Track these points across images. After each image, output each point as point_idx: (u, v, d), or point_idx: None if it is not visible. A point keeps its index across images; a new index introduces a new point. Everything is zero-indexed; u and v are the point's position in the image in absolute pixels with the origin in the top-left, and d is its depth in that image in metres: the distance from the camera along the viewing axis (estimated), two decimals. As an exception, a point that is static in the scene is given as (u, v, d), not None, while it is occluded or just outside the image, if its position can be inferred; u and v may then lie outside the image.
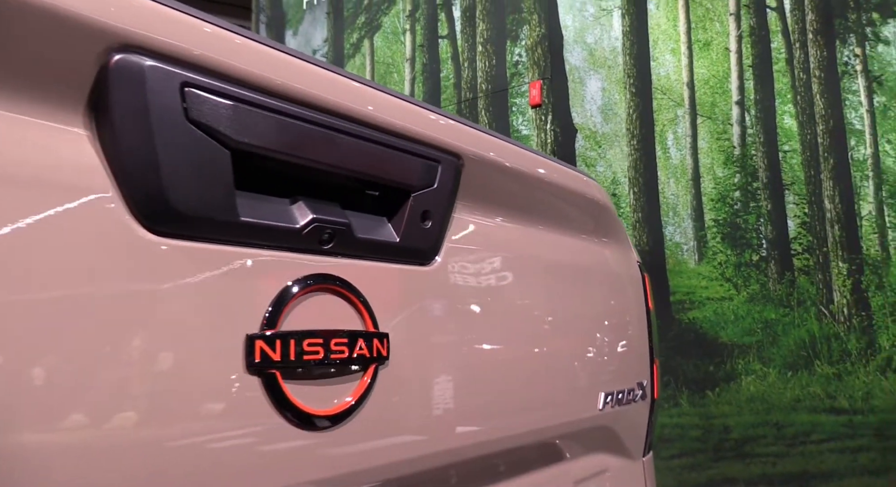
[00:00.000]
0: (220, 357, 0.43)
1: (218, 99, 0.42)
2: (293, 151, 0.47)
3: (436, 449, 0.58)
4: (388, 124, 0.55)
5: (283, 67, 0.47)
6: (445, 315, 0.61)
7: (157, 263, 0.40)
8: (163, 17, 0.40)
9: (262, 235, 0.45)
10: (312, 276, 0.49)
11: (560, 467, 0.78)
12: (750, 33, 3.21)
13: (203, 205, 0.42)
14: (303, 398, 0.47)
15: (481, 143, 0.66)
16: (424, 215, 0.58)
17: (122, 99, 0.38)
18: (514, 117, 3.50)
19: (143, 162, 0.39)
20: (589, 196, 0.86)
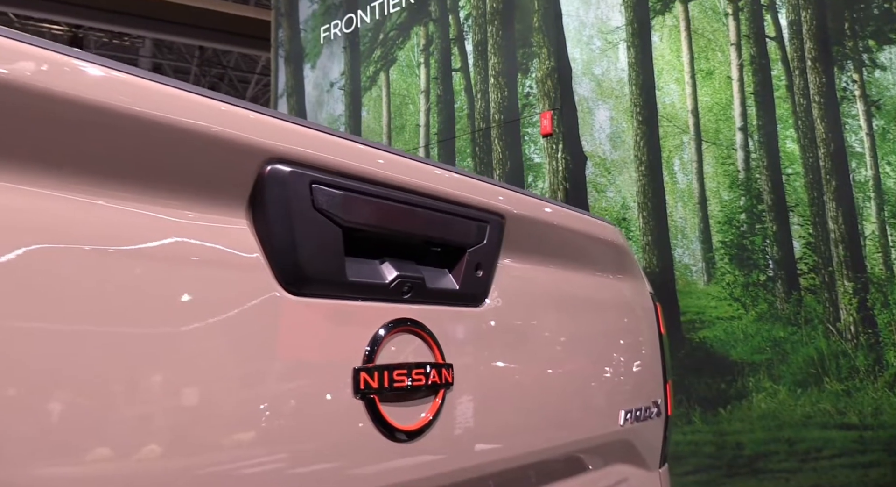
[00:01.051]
0: (336, 386, 0.57)
1: (333, 190, 0.57)
2: (382, 223, 0.62)
3: (487, 459, 0.71)
4: (449, 195, 0.70)
5: (373, 159, 0.62)
6: (494, 347, 0.75)
7: (293, 315, 0.54)
8: (298, 134, 0.55)
9: (362, 290, 0.60)
10: (397, 320, 0.63)
11: (587, 476, 0.91)
12: (751, 62, 3.34)
13: (324, 271, 0.56)
14: (393, 417, 0.60)
15: (520, 203, 0.80)
16: (477, 266, 0.72)
17: (272, 197, 0.53)
18: (526, 146, 3.65)
19: (284, 242, 0.54)
20: (609, 240, 1.00)
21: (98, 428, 0.42)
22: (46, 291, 0.42)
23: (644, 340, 1.07)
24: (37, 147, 0.42)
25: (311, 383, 0.55)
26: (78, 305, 0.43)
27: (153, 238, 0.48)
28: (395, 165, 0.64)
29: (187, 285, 0.49)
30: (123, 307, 0.45)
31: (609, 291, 1.00)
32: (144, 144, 0.47)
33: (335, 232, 0.57)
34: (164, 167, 0.49)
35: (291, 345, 0.54)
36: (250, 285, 0.52)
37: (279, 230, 0.53)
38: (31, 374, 0.40)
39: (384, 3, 4.32)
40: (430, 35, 4.09)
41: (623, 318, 1.01)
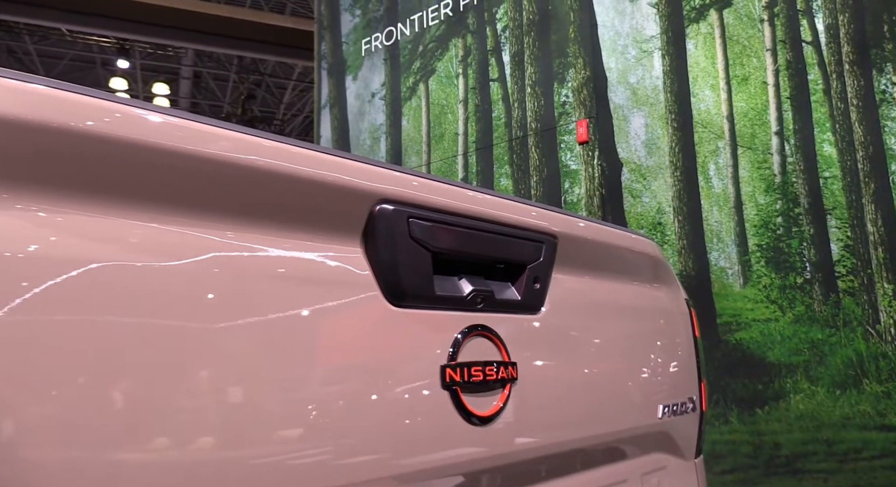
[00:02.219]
0: (428, 379, 0.71)
1: (424, 222, 0.72)
2: (460, 247, 0.76)
3: (544, 443, 0.85)
4: (512, 221, 0.84)
5: (452, 195, 0.76)
6: (549, 348, 0.89)
7: (397, 323, 0.69)
8: (399, 179, 0.70)
9: (446, 302, 0.74)
10: (472, 326, 0.77)
11: (631, 462, 1.04)
12: (787, 67, 3.37)
13: (418, 287, 0.71)
14: (472, 405, 0.75)
15: (569, 224, 0.94)
16: (535, 280, 0.86)
17: (380, 230, 0.68)
18: (562, 153, 3.76)
19: (389, 265, 0.68)
20: (647, 253, 1.13)
21: (271, 410, 0.58)
22: (225, 305, 0.57)
23: (680, 342, 1.20)
24: (221, 200, 0.58)
25: (410, 377, 0.69)
26: (245, 315, 0.59)
27: (294, 264, 0.64)
28: (468, 198, 0.79)
29: (319, 298, 0.64)
30: (274, 317, 0.61)
31: (647, 298, 1.13)
32: (289, 193, 0.63)
33: (426, 256, 0.71)
34: (304, 209, 0.64)
35: (394, 346, 0.69)
36: (364, 299, 0.67)
37: (385, 256, 0.68)
38: (217, 378, 0.56)
39: (423, 17, 4.48)
40: (468, 47, 4.23)
41: (660, 322, 1.14)
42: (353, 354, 0.65)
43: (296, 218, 0.63)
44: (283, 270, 0.62)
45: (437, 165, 4.29)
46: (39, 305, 0.45)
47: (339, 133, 4.93)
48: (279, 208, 0.62)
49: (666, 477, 1.11)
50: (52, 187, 0.48)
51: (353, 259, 0.67)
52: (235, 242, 0.59)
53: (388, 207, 0.69)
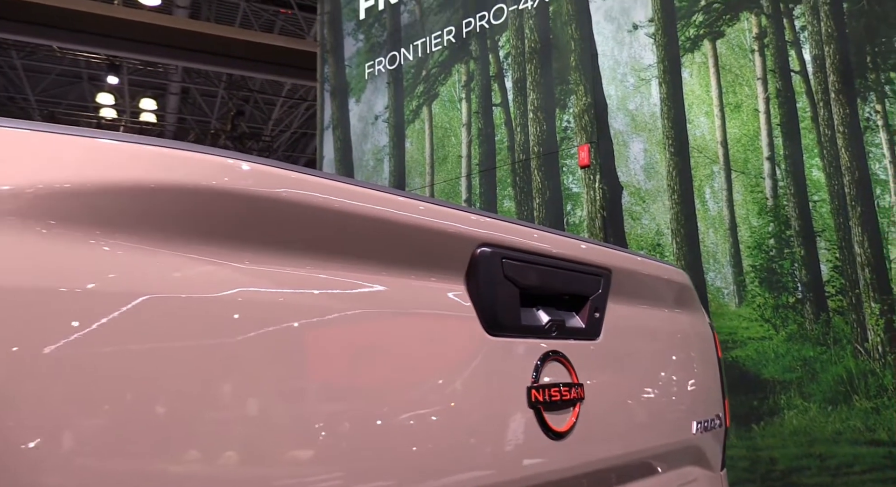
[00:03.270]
0: (518, 398, 0.81)
1: (514, 262, 0.82)
2: (539, 282, 0.87)
3: (608, 455, 0.95)
4: (579, 257, 0.95)
5: (533, 237, 0.87)
6: (607, 371, 0.99)
7: (492, 350, 0.79)
8: (494, 226, 0.81)
9: (530, 331, 0.84)
10: (549, 351, 0.88)
11: (670, 474, 1.14)
12: (777, 95, 3.54)
13: (509, 318, 0.81)
14: (552, 422, 0.85)
15: (620, 259, 1.05)
16: (595, 310, 0.97)
17: (480, 270, 0.78)
18: (564, 176, 3.89)
19: (487, 300, 0.79)
20: (679, 282, 1.24)
21: (391, 430, 0.67)
22: (359, 334, 0.67)
23: (708, 362, 1.31)
24: (358, 247, 0.69)
25: (503, 396, 0.79)
26: (372, 342, 0.69)
27: (412, 299, 0.74)
28: (544, 239, 0.90)
29: (432, 328, 0.74)
30: (395, 344, 0.71)
31: (681, 323, 1.24)
32: (410, 239, 0.73)
33: (515, 291, 0.82)
34: (421, 252, 0.74)
35: (491, 370, 0.79)
36: (467, 330, 0.77)
37: (484, 292, 0.78)
38: (357, 392, 0.65)
39: (426, 42, 4.61)
40: (471, 72, 4.37)
41: (692, 345, 1.25)
42: (459, 375, 0.75)
43: (413, 260, 0.73)
44: (403, 304, 0.72)
45: (440, 187, 4.40)
46: (229, 334, 0.55)
47: (342, 154, 5.02)
48: (401, 252, 0.72)
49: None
50: (241, 242, 0.58)
51: (458, 294, 0.77)
52: (366, 283, 0.69)
53: (487, 249, 0.79)
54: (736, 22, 3.72)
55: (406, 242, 0.73)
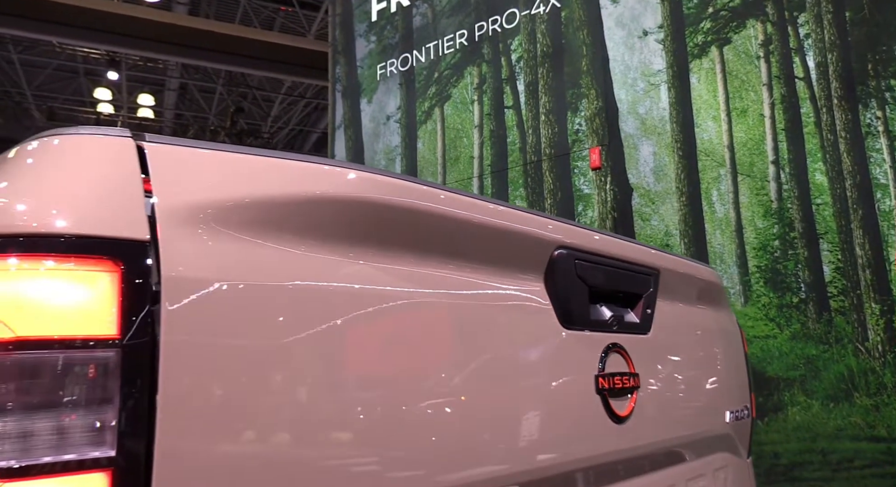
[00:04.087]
0: (587, 386, 0.91)
1: (584, 263, 0.91)
2: (604, 281, 0.96)
3: (661, 438, 1.05)
4: (635, 259, 1.04)
5: (598, 241, 0.97)
6: (657, 362, 1.09)
7: (566, 342, 0.88)
8: (569, 230, 0.90)
9: (597, 325, 0.94)
10: (611, 344, 0.97)
11: (707, 458, 1.24)
12: (781, 101, 3.64)
13: (581, 313, 0.90)
14: (615, 407, 0.94)
15: (666, 260, 1.15)
16: (647, 306, 1.06)
17: (557, 270, 0.87)
18: (575, 178, 3.98)
19: (562, 297, 0.88)
20: (713, 281, 1.34)
21: (487, 408, 0.76)
22: (455, 325, 0.76)
23: (738, 357, 1.41)
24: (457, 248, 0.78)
25: (576, 383, 0.89)
26: (465, 332, 0.78)
27: (499, 294, 0.83)
28: (607, 242, 0.99)
29: (516, 321, 0.83)
30: (485, 334, 0.80)
31: (714, 319, 1.34)
32: (500, 241, 0.82)
33: (585, 289, 0.91)
34: (507, 253, 0.83)
35: (565, 359, 0.88)
36: (545, 324, 0.86)
37: (560, 290, 0.88)
38: (456, 376, 0.74)
39: (439, 45, 4.69)
40: (483, 75, 4.45)
41: (725, 340, 1.35)
42: (539, 363, 0.84)
43: (501, 259, 0.82)
44: (495, 298, 0.81)
45: (452, 187, 4.48)
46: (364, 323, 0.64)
47: (353, 153, 5.09)
48: (491, 252, 0.81)
49: (730, 473, 1.31)
50: (379, 244, 0.67)
51: (537, 291, 0.87)
52: (465, 278, 0.78)
53: (564, 251, 0.89)
54: (742, 29, 3.82)
55: (496, 243, 0.82)
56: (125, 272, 0.47)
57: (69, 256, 0.46)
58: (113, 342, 0.46)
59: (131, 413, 0.46)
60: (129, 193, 0.51)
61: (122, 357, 0.46)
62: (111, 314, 0.47)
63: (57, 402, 0.45)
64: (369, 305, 0.64)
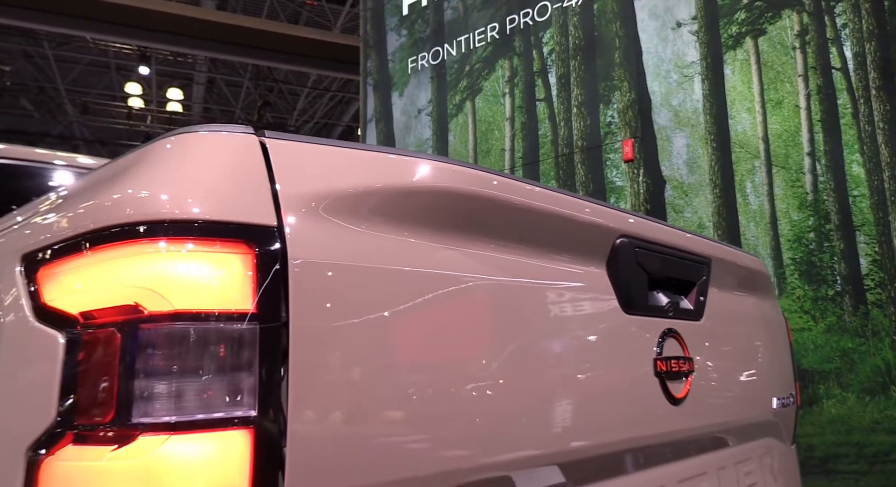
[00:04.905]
0: (646, 368, 0.95)
1: (643, 251, 0.96)
2: (661, 269, 1.00)
3: (712, 421, 1.09)
4: (689, 248, 1.08)
5: (657, 230, 1.01)
6: (709, 348, 1.13)
7: (627, 326, 0.93)
8: (630, 220, 0.95)
9: (655, 310, 0.98)
10: (667, 329, 1.01)
11: (754, 443, 1.28)
12: (818, 91, 3.60)
13: (640, 299, 0.95)
14: (672, 389, 0.98)
15: (718, 250, 1.18)
16: (700, 293, 1.10)
17: (619, 257, 0.92)
18: (608, 171, 3.99)
19: (623, 282, 0.93)
20: (760, 271, 1.37)
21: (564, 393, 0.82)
22: (524, 307, 0.82)
23: (783, 345, 1.44)
24: (531, 235, 0.83)
25: (636, 366, 0.93)
26: (537, 314, 0.83)
27: (567, 279, 0.88)
28: (664, 232, 1.04)
29: (581, 305, 0.88)
30: (553, 316, 0.85)
31: (761, 308, 1.37)
32: (569, 230, 0.87)
33: (644, 276, 0.96)
34: (572, 241, 0.88)
35: (626, 342, 0.93)
36: (607, 308, 0.91)
37: (621, 276, 0.92)
38: (531, 357, 0.80)
39: (470, 38, 4.72)
40: (514, 68, 4.47)
41: (771, 328, 1.38)
42: (603, 346, 0.89)
43: (569, 247, 0.87)
44: (562, 283, 0.86)
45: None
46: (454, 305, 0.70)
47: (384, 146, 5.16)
48: (562, 240, 0.86)
49: (776, 458, 1.35)
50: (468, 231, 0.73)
51: (600, 277, 0.91)
52: (537, 263, 0.84)
53: (625, 240, 0.93)
54: (778, 19, 3.78)
55: (564, 231, 0.87)
56: (258, 254, 0.54)
57: (212, 239, 0.53)
58: (249, 316, 0.52)
59: (267, 378, 0.52)
60: (257, 183, 0.57)
61: (258, 329, 0.52)
62: (248, 291, 0.53)
63: (205, 367, 0.51)
64: (455, 286, 0.69)
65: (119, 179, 0.58)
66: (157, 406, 0.49)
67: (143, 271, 0.51)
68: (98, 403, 0.49)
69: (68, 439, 0.50)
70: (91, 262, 0.53)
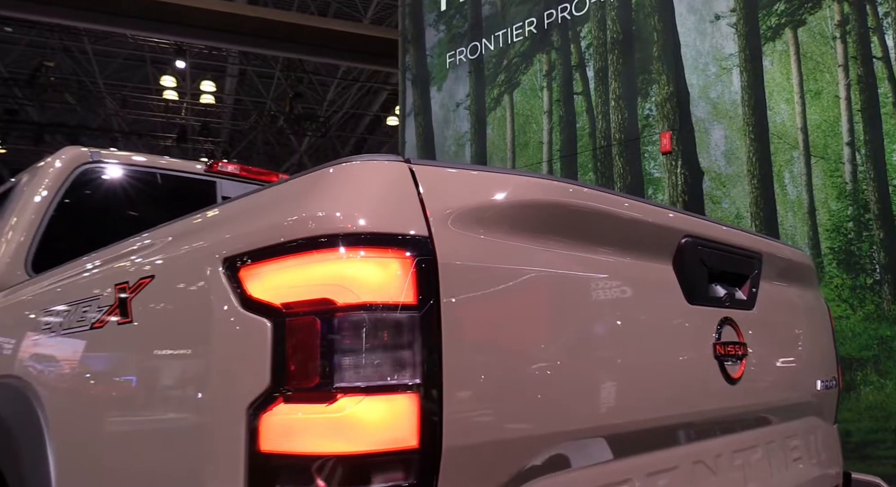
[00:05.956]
0: (706, 352, 1.09)
1: (704, 249, 1.09)
2: (719, 264, 1.14)
3: (764, 400, 1.23)
4: (743, 244, 1.21)
5: (716, 230, 1.15)
6: (761, 335, 1.26)
7: (690, 315, 1.07)
8: (692, 221, 1.08)
9: (714, 300, 1.12)
10: (725, 317, 1.15)
11: (799, 421, 1.41)
12: (858, 81, 3.62)
13: (701, 290, 1.09)
14: (729, 370, 1.12)
15: (769, 245, 1.31)
16: (752, 285, 1.23)
17: (683, 254, 1.06)
18: (645, 163, 4.08)
19: (687, 276, 1.06)
20: (805, 263, 1.49)
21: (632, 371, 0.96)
22: (610, 299, 0.96)
23: (826, 332, 1.56)
24: (612, 236, 0.97)
25: (698, 350, 1.07)
26: (616, 304, 0.97)
27: (639, 274, 1.02)
28: (722, 231, 1.17)
29: (651, 296, 1.02)
30: (628, 305, 0.99)
31: (806, 297, 1.50)
32: (642, 231, 1.01)
33: (705, 271, 1.09)
34: (645, 242, 1.02)
35: (689, 330, 1.07)
36: (673, 298, 1.05)
37: (685, 270, 1.06)
38: (613, 343, 0.94)
39: (507, 33, 4.82)
40: (552, 62, 4.56)
41: (815, 316, 1.51)
42: (671, 332, 1.03)
43: (641, 246, 1.02)
44: (636, 277, 1.01)
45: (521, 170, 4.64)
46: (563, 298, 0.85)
47: (423, 140, 5.29)
48: (636, 241, 1.01)
49: (819, 436, 1.47)
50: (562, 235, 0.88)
51: (667, 272, 1.05)
52: (616, 260, 0.98)
53: (689, 239, 1.07)
54: (818, 10, 3.80)
55: (638, 233, 1.01)
56: (416, 258, 0.69)
57: (381, 247, 0.68)
58: (412, 307, 0.68)
59: (427, 354, 0.68)
60: (411, 202, 0.72)
61: (419, 316, 0.68)
62: (410, 287, 0.68)
63: (382, 345, 0.67)
64: (555, 281, 0.84)
65: (298, 199, 0.74)
66: (351, 375, 0.65)
67: (332, 272, 0.67)
68: (304, 372, 0.65)
69: (280, 400, 0.66)
70: (287, 266, 0.69)
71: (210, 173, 2.05)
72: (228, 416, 0.68)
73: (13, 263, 1.56)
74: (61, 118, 15.71)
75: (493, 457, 0.72)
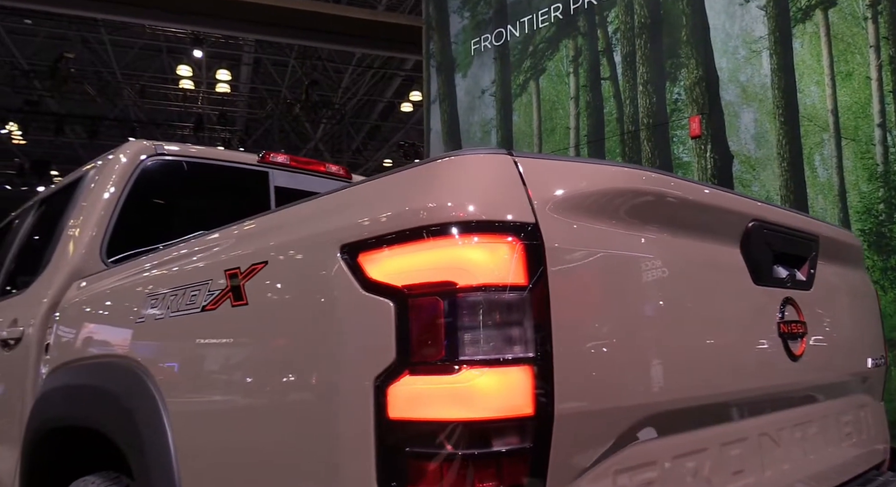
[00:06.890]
0: (770, 329, 1.15)
1: (770, 232, 1.15)
2: (782, 247, 1.19)
3: (824, 375, 1.28)
4: (800, 227, 1.26)
5: (777, 214, 1.20)
6: (819, 314, 1.31)
7: (757, 294, 1.12)
8: (759, 206, 1.14)
9: (777, 281, 1.17)
10: (787, 297, 1.20)
11: (851, 397, 1.46)
12: (889, 62, 3.60)
13: (767, 272, 1.14)
14: (792, 348, 1.18)
15: (824, 229, 1.37)
16: (811, 267, 1.28)
17: (751, 237, 1.11)
18: (674, 147, 4.09)
19: (754, 258, 1.12)
20: (855, 246, 1.54)
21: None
22: (684, 279, 1.02)
23: (874, 313, 1.60)
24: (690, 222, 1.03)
25: (764, 327, 1.13)
26: (690, 285, 1.03)
27: (711, 256, 1.07)
28: (785, 216, 1.23)
29: (721, 277, 1.08)
30: (700, 286, 1.05)
31: (857, 279, 1.54)
32: (714, 216, 1.07)
33: (770, 253, 1.15)
34: (717, 226, 1.08)
35: (756, 308, 1.12)
36: (742, 280, 1.11)
37: (752, 253, 1.11)
38: (681, 322, 1.00)
39: (533, 19, 4.82)
40: (578, 47, 4.56)
41: (865, 297, 1.55)
42: (740, 311, 1.09)
43: (713, 230, 1.07)
44: (707, 259, 1.06)
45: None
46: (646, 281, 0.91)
47: (448, 126, 5.33)
48: (710, 224, 1.06)
49: (868, 412, 1.53)
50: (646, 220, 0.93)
51: (735, 254, 1.11)
52: (691, 242, 1.04)
53: (757, 223, 1.12)
54: (849, -10, 3.77)
55: (711, 218, 1.06)
56: (526, 243, 0.75)
57: (495, 234, 0.75)
58: (523, 287, 0.75)
59: (539, 330, 0.74)
60: (518, 191, 0.78)
61: (531, 295, 0.74)
62: (521, 269, 0.75)
63: (499, 322, 0.73)
64: (642, 262, 0.90)
65: (411, 190, 0.80)
66: (472, 349, 0.71)
67: (451, 256, 0.74)
68: (430, 347, 0.72)
69: (406, 372, 0.73)
70: (408, 251, 0.76)
71: (263, 164, 2.12)
72: (354, 387, 0.75)
73: (88, 254, 1.65)
74: (81, 110, 15.86)
75: (597, 424, 0.79)
